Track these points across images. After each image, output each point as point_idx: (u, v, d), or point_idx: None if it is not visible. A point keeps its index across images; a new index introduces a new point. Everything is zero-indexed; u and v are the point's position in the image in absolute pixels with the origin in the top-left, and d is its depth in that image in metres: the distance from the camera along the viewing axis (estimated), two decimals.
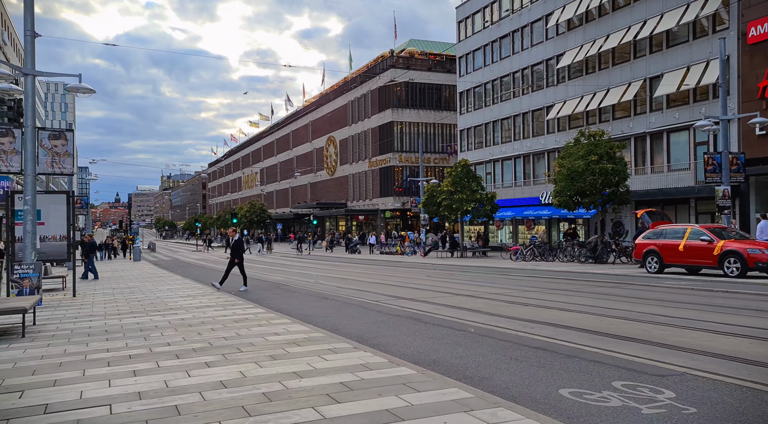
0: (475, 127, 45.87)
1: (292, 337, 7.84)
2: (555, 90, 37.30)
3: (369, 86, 58.45)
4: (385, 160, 55.08)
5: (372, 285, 16.94)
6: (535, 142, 39.13)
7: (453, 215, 33.73)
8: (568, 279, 17.78)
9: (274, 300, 13.32)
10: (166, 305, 12.23)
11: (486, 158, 44.07)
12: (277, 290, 15.92)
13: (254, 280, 20.15)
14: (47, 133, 13.16)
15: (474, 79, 45.55)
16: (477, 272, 21.81)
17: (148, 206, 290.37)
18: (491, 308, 11.14)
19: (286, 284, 17.74)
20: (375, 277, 20.29)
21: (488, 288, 15.23)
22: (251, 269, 27.45)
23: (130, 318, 10.18)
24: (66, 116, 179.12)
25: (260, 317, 9.94)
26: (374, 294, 14.22)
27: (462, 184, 33.56)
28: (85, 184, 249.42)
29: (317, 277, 20.66)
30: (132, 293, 15.38)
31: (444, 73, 56.98)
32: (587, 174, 24.35)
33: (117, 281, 20.32)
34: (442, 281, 18.12)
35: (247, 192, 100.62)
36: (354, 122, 61.53)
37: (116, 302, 13.25)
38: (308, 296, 14.21)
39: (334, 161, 66.42)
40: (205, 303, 12.26)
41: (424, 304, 11.96)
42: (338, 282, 18.27)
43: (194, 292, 14.92)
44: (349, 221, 64.08)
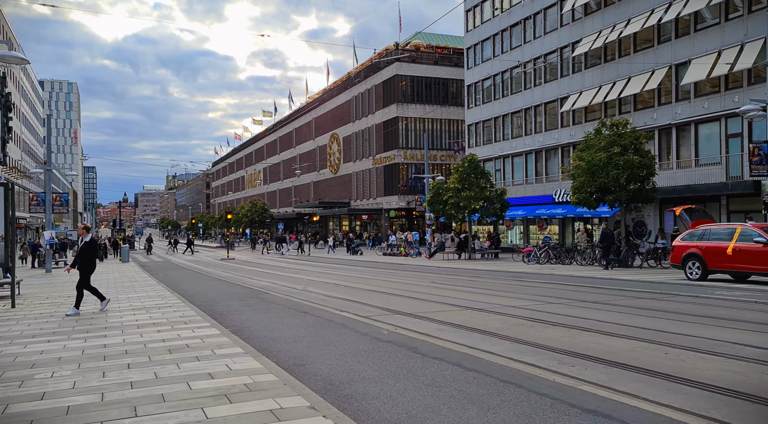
0: (484, 122, 43.40)
1: (228, 382, 5.48)
2: (570, 80, 34.77)
3: (373, 81, 56.09)
4: (389, 157, 52.69)
5: (366, 294, 14.56)
6: (548, 136, 36.61)
7: (460, 214, 31.31)
8: (595, 287, 15.32)
9: (240, 315, 10.96)
10: (106, 321, 9.91)
11: (495, 154, 41.59)
12: (253, 300, 13.57)
13: (235, 285, 17.87)
14: None
15: (482, 71, 43.08)
16: (488, 278, 19.38)
17: (153, 206, 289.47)
18: (510, 329, 8.72)
19: (268, 292, 15.40)
20: (372, 283, 17.92)
21: (502, 299, 12.82)
22: (246, 269, 25.33)
23: (40, 344, 7.86)
24: (71, 115, 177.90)
25: (207, 343, 7.59)
26: (366, 307, 11.84)
27: (470, 181, 31.16)
28: (91, 184, 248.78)
29: (306, 284, 18.30)
30: (84, 303, 13.06)
31: (451, 66, 54.53)
32: (610, 168, 21.86)
33: None
34: (449, 288, 15.72)
35: (250, 191, 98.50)
36: (358, 118, 59.18)
37: (52, 315, 10.96)
38: (285, 308, 11.84)
39: (338, 159, 64.10)
40: (153, 320, 9.94)
41: (425, 322, 9.57)
42: (329, 289, 15.91)
43: (152, 303, 12.60)
44: (353, 220, 61.74)
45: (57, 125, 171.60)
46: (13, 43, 61.88)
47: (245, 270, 26.26)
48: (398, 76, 52.31)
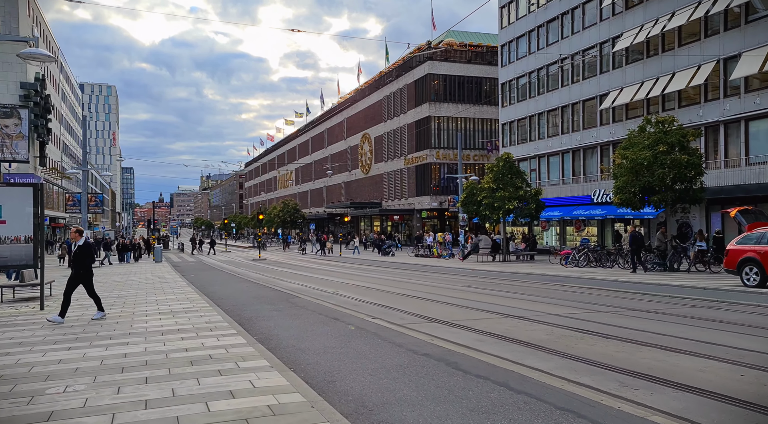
0: (519, 121, 42.33)
1: (251, 403, 4.96)
2: (610, 77, 33.52)
3: (405, 80, 55.48)
4: (421, 157, 51.99)
5: (399, 299, 13.97)
6: (586, 135, 35.40)
7: (494, 215, 30.43)
8: (644, 293, 14.41)
9: (269, 321, 10.49)
10: (130, 327, 9.56)
11: (530, 154, 40.50)
12: (283, 304, 13.11)
13: (265, 287, 17.49)
14: None
15: (517, 68, 42.04)
16: (525, 282, 18.57)
17: (188, 206, 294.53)
18: (557, 342, 8.01)
19: (298, 295, 14.93)
20: (404, 287, 17.31)
21: (544, 305, 12.06)
22: (278, 270, 24.82)
23: (60, 352, 7.50)
24: (109, 117, 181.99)
25: (231, 353, 7.10)
26: (400, 313, 11.25)
27: (504, 181, 30.28)
28: (128, 184, 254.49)
29: (336, 287, 17.81)
30: (111, 305, 12.83)
31: (484, 65, 53.53)
32: (655, 167, 20.76)
33: (114, 286, 17.97)
34: (485, 293, 15.00)
35: (282, 191, 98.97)
36: (389, 118, 58.64)
37: (78, 319, 10.68)
38: (315, 314, 11.33)
39: (369, 159, 63.68)
40: (178, 325, 9.54)
41: (463, 332, 8.92)
42: (360, 293, 15.37)
43: (180, 306, 12.25)
44: (384, 221, 61.23)
45: (96, 127, 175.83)
46: (54, 47, 63.31)
47: (276, 271, 25.97)
48: (430, 74, 51.60)
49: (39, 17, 53.91)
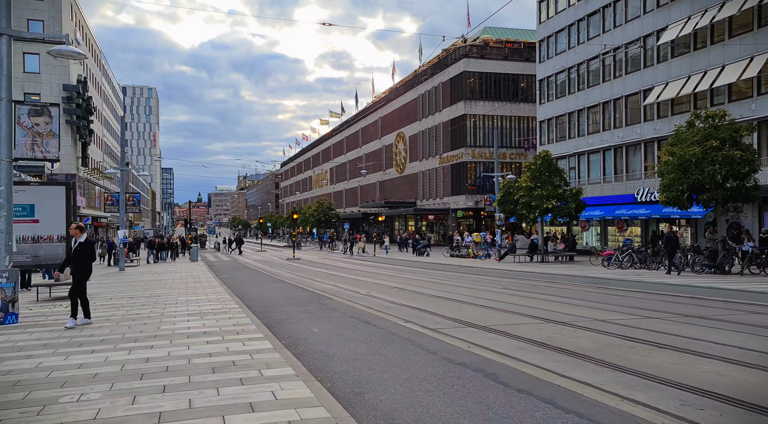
0: (557, 118, 41.19)
1: (271, 418, 4.56)
2: (654, 71, 32.20)
3: (440, 78, 54.77)
4: (456, 156, 51.22)
5: (434, 301, 13.46)
6: (628, 131, 34.13)
7: (531, 214, 29.57)
8: (695, 298, 13.54)
9: (298, 324, 10.12)
10: (158, 328, 9.33)
11: (569, 152, 39.34)
12: (313, 306, 12.76)
13: (297, 288, 17.21)
14: (27, 109, 10.64)
15: (556, 64, 40.90)
16: (566, 284, 17.80)
17: (225, 205, 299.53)
18: (606, 351, 7.39)
19: (329, 296, 14.57)
20: (440, 288, 16.78)
21: (588, 310, 11.37)
22: (311, 270, 24.51)
23: (83, 355, 7.28)
24: (150, 119, 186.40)
25: (256, 360, 6.74)
26: (434, 317, 10.75)
27: (542, 180, 29.39)
28: (168, 184, 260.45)
29: (369, 288, 17.40)
30: (142, 305, 12.72)
31: (521, 61, 52.39)
32: (705, 164, 19.68)
33: (148, 285, 17.97)
34: (524, 296, 14.35)
35: (317, 191, 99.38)
36: (424, 117, 58.03)
37: (108, 319, 10.54)
38: (346, 317, 10.92)
39: (404, 158, 63.19)
40: (206, 328, 9.26)
41: (502, 338, 8.37)
42: (393, 295, 14.91)
43: (209, 308, 12.02)
44: (419, 220, 60.64)
45: (137, 129, 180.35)
46: (96, 50, 64.91)
47: (309, 271, 25.75)
48: (466, 72, 50.77)
49: (81, 21, 55.25)
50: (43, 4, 45.00)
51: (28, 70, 44.11)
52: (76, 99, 45.37)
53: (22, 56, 43.74)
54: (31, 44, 43.99)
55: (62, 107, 44.61)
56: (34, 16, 44.85)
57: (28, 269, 14.81)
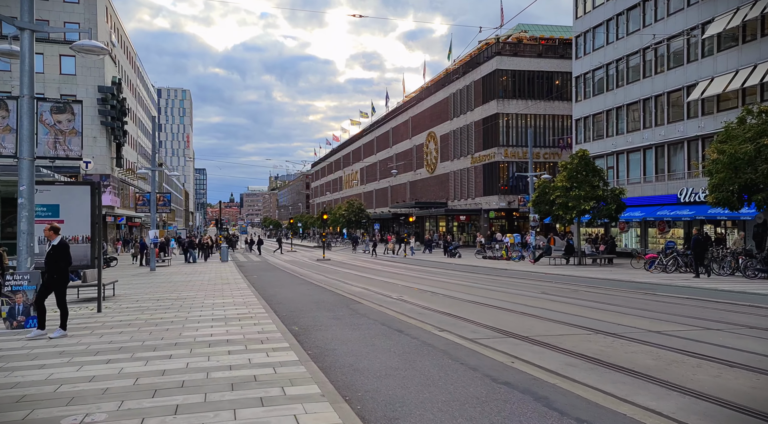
0: (594, 116, 39.86)
1: None
2: (699, 65, 30.75)
3: (472, 77, 53.81)
4: (489, 155, 50.19)
5: (469, 308, 12.74)
6: (671, 129, 32.70)
7: (568, 215, 28.49)
8: (757, 307, 12.51)
9: (326, 332, 9.54)
10: (179, 335, 8.86)
11: (607, 150, 37.99)
12: (343, 311, 12.18)
13: (326, 291, 16.68)
14: (49, 106, 10.30)
15: (593, 60, 39.58)
16: (609, 289, 16.85)
17: (257, 206, 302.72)
18: (668, 370, 6.59)
19: (359, 300, 13.98)
20: (474, 292, 16.03)
21: (639, 320, 10.51)
22: (341, 271, 23.88)
23: (98, 365, 6.83)
24: (184, 120, 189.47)
25: (279, 374, 6.17)
26: (471, 325, 10.06)
27: (579, 179, 28.30)
28: (201, 185, 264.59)
29: (401, 291, 16.76)
30: (167, 308, 12.34)
31: (556, 58, 51.09)
32: (759, 161, 18.45)
33: (176, 287, 17.70)
34: (566, 302, 13.52)
35: (348, 191, 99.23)
36: (456, 116, 57.13)
37: (130, 324, 10.16)
38: (378, 324, 10.30)
39: (435, 158, 62.39)
40: (229, 335, 8.76)
41: (548, 352, 7.64)
42: (426, 299, 14.24)
43: (235, 312, 11.55)
44: (450, 221, 59.74)
45: (171, 130, 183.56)
46: (131, 53, 65.88)
47: (339, 273, 25.26)
48: (499, 70, 49.71)
49: (117, 24, 56.08)
50: (79, 6, 45.74)
51: (64, 71, 44.84)
52: (111, 100, 45.94)
53: (58, 58, 44.51)
54: (68, 47, 44.76)
55: (97, 108, 45.29)
56: (71, 19, 45.61)
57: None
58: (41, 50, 43.67)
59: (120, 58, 55.89)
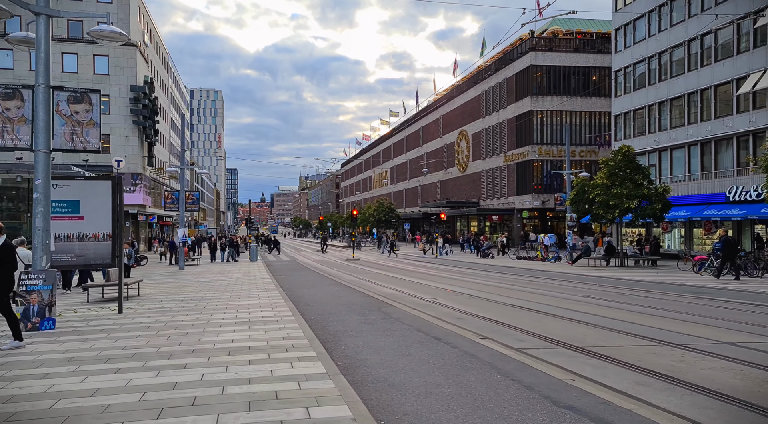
0: (635, 111, 38.24)
1: None
2: (749, 57, 29.04)
3: (505, 73, 52.49)
4: (522, 154, 48.83)
5: (511, 312, 11.80)
6: (718, 124, 31.00)
7: (609, 214, 27.14)
8: None
9: (356, 339, 8.73)
10: (198, 340, 8.18)
11: (649, 147, 36.37)
12: (375, 315, 11.37)
13: (356, 292, 15.91)
14: (66, 95, 9.74)
15: (634, 53, 37.98)
16: (660, 293, 15.66)
17: (287, 205, 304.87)
18: (763, 393, 5.59)
19: (392, 303, 13.15)
20: (512, 295, 15.06)
21: (705, 329, 9.43)
22: (371, 272, 23.01)
23: (105, 376, 6.16)
24: (215, 120, 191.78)
25: (304, 391, 5.38)
26: (515, 332, 9.14)
27: (621, 177, 26.97)
28: (232, 185, 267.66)
29: (435, 294, 15.88)
30: (190, 310, 11.74)
31: (593, 53, 49.43)
32: None
33: (202, 287, 17.17)
34: (615, 307, 12.46)
35: (377, 191, 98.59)
36: (488, 114, 55.86)
37: (149, 327, 9.54)
38: (413, 330, 9.45)
39: (466, 157, 61.20)
40: (251, 341, 8.03)
41: (610, 367, 6.69)
42: (463, 303, 13.33)
43: (260, 315, 10.85)
44: (482, 221, 58.48)
45: (203, 130, 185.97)
46: (164, 53, 66.44)
47: (369, 273, 24.50)
48: (533, 66, 48.30)
49: (150, 23, 56.49)
50: (111, 6, 46.05)
51: (98, 71, 45.22)
52: (143, 99, 46.14)
53: (92, 58, 44.91)
54: (101, 46, 45.16)
55: (129, 108, 45.55)
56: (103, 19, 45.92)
57: (72, 269, 14.24)
58: (75, 50, 44.15)
59: (152, 58, 56.28)
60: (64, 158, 38.26)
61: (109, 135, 45.12)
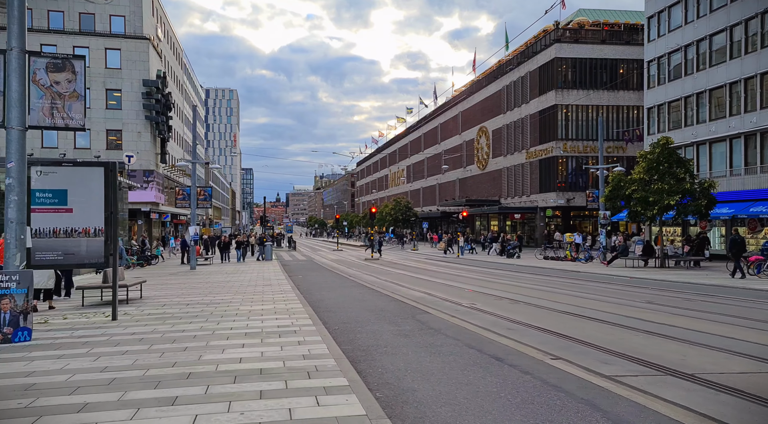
0: (670, 103, 36.12)
1: None
2: None
3: (528, 67, 50.49)
4: (546, 150, 46.81)
5: (570, 322, 10.04)
6: (764, 116, 28.85)
7: (649, 212, 25.14)
8: None
9: (395, 358, 7.01)
10: (198, 359, 6.54)
11: (686, 141, 34.24)
12: (410, 324, 9.65)
13: (382, 295, 14.20)
14: (45, 62, 8.14)
15: (669, 42, 35.85)
16: (726, 297, 13.76)
17: (302, 205, 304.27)
18: None
19: (425, 310, 11.42)
20: (561, 300, 13.25)
21: None
22: (393, 272, 21.18)
23: (68, 417, 4.53)
24: (231, 120, 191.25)
25: None
26: (591, 351, 7.39)
27: (661, 171, 25.01)
28: (248, 185, 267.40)
29: (469, 298, 14.13)
30: (195, 316, 10.14)
31: (621, 45, 47.28)
32: None
33: (212, 288, 15.61)
34: (690, 316, 10.63)
35: (394, 190, 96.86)
36: (509, 109, 53.89)
37: (142, 340, 7.94)
38: (461, 346, 7.72)
39: (486, 154, 59.26)
40: (263, 361, 6.37)
41: (753, 406, 4.92)
42: (504, 308, 11.57)
43: (274, 324, 9.20)
44: (502, 220, 56.52)
45: (219, 130, 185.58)
46: (178, 48, 65.33)
47: (391, 274, 22.80)
48: (557, 59, 46.27)
49: (163, 18, 55.32)
50: (124, 0, 44.88)
51: (109, 65, 44.03)
52: (156, 94, 44.86)
53: (104, 52, 43.71)
54: (113, 40, 43.99)
55: (142, 102, 44.30)
56: (116, 12, 44.77)
57: (62, 269, 12.58)
58: (86, 44, 42.95)
59: (165, 53, 55.09)
60: (73, 154, 37.08)
61: (121, 131, 43.94)
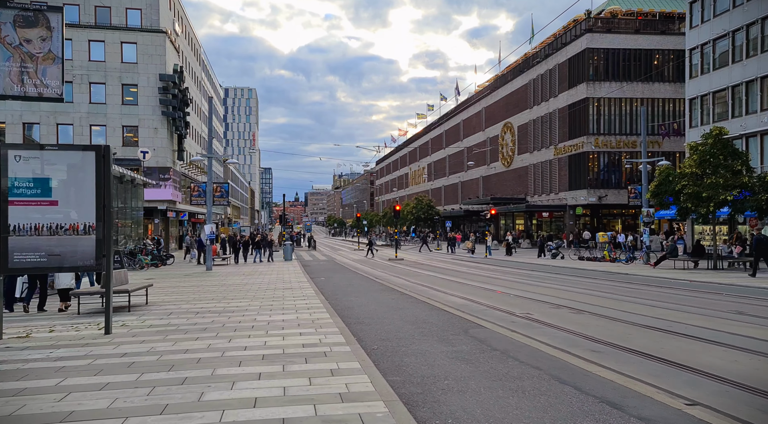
0: (715, 93, 33.77)
1: None
2: None
3: (557, 59, 48.27)
4: (576, 145, 44.59)
5: (656, 339, 8.16)
6: None
7: (702, 208, 22.99)
8: None
9: (465, 400, 5.19)
10: (198, 399, 4.82)
11: (735, 133, 31.86)
12: (465, 344, 7.84)
13: (419, 302, 12.39)
14: (12, 14, 6.46)
15: (714, 28, 33.50)
16: None
17: (321, 204, 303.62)
18: None
19: (477, 323, 9.56)
20: (635, 310, 11.34)
21: None
22: (422, 274, 19.21)
23: None
24: (250, 119, 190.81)
25: None
26: (709, 383, 5.54)
27: (715, 164, 22.90)
28: (267, 184, 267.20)
29: (519, 305, 12.27)
30: (204, 329, 8.46)
31: (656, 34, 44.90)
32: None
33: (228, 292, 13.99)
34: None
35: (414, 188, 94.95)
36: (536, 104, 51.71)
37: (132, 366, 6.25)
38: (552, 380, 5.90)
39: (511, 150, 57.13)
40: (288, 404, 4.63)
41: None
42: (571, 321, 9.70)
43: (297, 342, 7.46)
44: (529, 218, 54.35)
45: (238, 129, 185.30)
46: (195, 43, 64.20)
47: (420, 275, 21.01)
48: (589, 49, 44.04)
49: (180, 12, 54.17)
50: None
51: (126, 60, 42.85)
52: (172, 89, 43.57)
53: (120, 46, 42.54)
54: (129, 34, 42.80)
55: (158, 98, 43.04)
56: (132, 5, 43.63)
57: (43, 273, 10.62)
58: (102, 38, 41.84)
59: (183, 48, 53.90)
60: None
61: (137, 127, 42.74)
